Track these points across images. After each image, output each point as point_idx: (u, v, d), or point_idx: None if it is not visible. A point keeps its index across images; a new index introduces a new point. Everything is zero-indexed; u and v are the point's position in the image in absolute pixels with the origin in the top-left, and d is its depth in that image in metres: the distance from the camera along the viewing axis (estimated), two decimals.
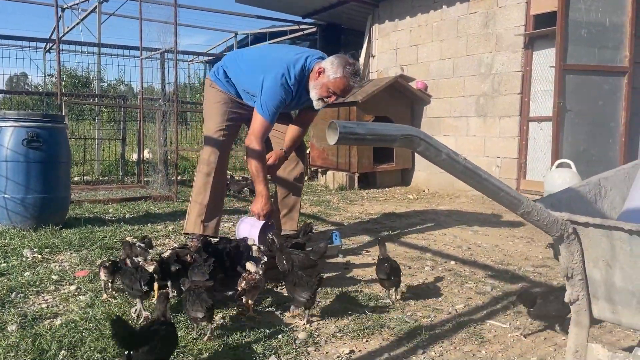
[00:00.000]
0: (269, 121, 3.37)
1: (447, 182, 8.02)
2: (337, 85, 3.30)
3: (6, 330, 2.19)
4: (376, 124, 1.01)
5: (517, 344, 2.30)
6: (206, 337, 2.19)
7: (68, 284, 2.85)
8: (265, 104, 3.35)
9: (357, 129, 0.96)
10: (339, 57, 3.35)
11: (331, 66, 3.30)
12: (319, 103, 3.44)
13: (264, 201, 3.36)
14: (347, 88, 3.35)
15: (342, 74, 3.27)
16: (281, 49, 3.79)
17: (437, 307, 2.73)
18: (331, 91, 3.34)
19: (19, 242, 3.61)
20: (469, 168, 1.11)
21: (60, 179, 4.15)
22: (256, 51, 3.89)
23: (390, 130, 1.01)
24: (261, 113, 3.36)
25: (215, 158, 3.57)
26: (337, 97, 3.41)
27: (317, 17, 11.04)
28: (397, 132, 1.00)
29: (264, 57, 3.62)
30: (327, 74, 3.31)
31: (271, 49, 3.86)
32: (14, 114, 3.96)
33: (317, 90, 3.38)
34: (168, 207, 5.56)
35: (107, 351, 2.01)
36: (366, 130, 0.97)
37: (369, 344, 2.25)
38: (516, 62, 6.97)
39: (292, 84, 3.39)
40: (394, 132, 1.00)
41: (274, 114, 3.38)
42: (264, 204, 3.35)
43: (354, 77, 3.31)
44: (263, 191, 3.36)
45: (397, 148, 8.33)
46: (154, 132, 8.44)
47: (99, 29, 9.23)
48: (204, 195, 3.63)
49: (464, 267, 3.54)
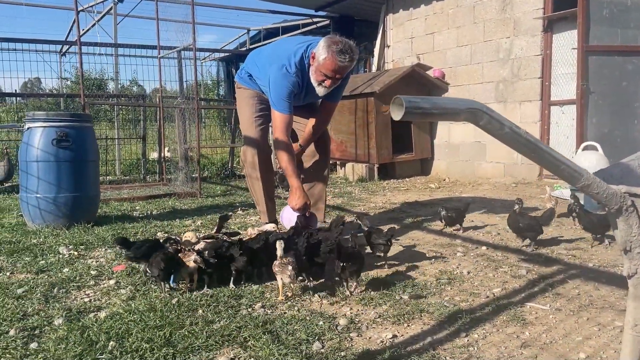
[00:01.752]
0: (285, 113, 3.41)
1: (468, 170, 7.98)
2: (327, 66, 3.29)
3: (53, 324, 2.23)
4: (440, 98, 1.02)
5: (560, 325, 2.28)
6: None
7: (107, 278, 2.89)
8: (275, 98, 3.41)
9: (422, 103, 0.96)
10: (327, 38, 3.33)
11: (319, 49, 3.30)
12: (320, 89, 3.45)
13: (298, 194, 3.39)
14: (337, 68, 3.29)
15: (328, 54, 3.25)
16: (288, 42, 3.81)
17: (473, 291, 2.72)
18: (324, 74, 3.33)
19: (54, 240, 3.67)
20: (531, 141, 1.10)
21: (90, 177, 4.21)
22: (269, 47, 3.92)
23: (454, 104, 1.01)
24: (275, 108, 3.42)
25: (258, 158, 3.67)
26: (333, 80, 3.37)
27: (330, 9, 11.01)
28: (462, 106, 0.99)
29: (272, 53, 3.66)
30: (318, 58, 3.32)
31: (280, 43, 3.88)
32: (43, 115, 4.02)
33: (314, 77, 3.40)
34: (193, 203, 5.61)
35: (154, 341, 2.04)
36: (431, 105, 0.97)
37: (411, 329, 2.25)
38: (535, 46, 6.90)
39: (295, 73, 3.39)
40: (458, 106, 1.00)
41: (287, 105, 3.40)
42: (298, 197, 3.39)
43: (342, 55, 3.24)
44: (295, 184, 3.40)
45: (416, 138, 8.31)
46: (171, 130, 8.52)
47: (115, 30, 9.31)
48: (262, 202, 3.82)
49: (495, 252, 3.52)
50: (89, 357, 1.89)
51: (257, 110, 3.70)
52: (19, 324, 2.20)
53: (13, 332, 2.12)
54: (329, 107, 3.82)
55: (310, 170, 3.94)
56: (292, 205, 3.44)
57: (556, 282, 2.86)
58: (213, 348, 2.03)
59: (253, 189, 3.81)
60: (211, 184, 7.58)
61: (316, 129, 3.81)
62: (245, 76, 3.77)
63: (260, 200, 3.79)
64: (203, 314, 2.35)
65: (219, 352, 2.01)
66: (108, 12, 10.37)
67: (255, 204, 3.92)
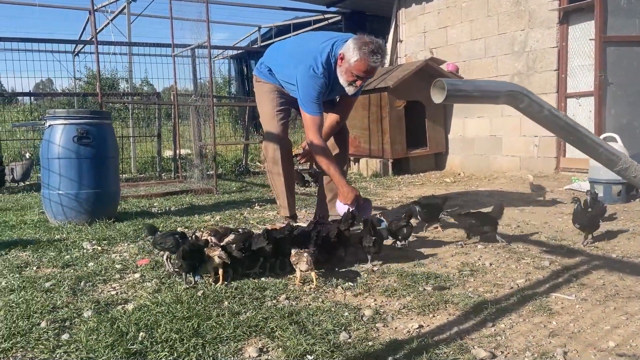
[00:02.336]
0: (315, 115, 3.45)
1: (483, 165, 7.94)
2: (359, 67, 3.30)
3: (82, 316, 2.26)
4: (480, 80, 1.02)
5: (587, 314, 2.27)
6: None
7: (132, 272, 2.92)
8: (304, 101, 3.44)
9: (463, 85, 0.96)
10: (356, 39, 3.32)
11: (349, 50, 3.30)
12: (350, 88, 3.46)
13: (346, 190, 3.42)
14: (368, 69, 3.31)
15: (360, 55, 3.25)
16: (312, 38, 3.81)
17: (497, 282, 2.71)
18: (355, 75, 3.34)
19: (77, 236, 3.72)
20: (570, 124, 1.09)
21: (110, 173, 4.26)
22: (290, 43, 3.93)
23: (495, 86, 1.01)
24: (305, 110, 3.45)
25: (280, 153, 3.69)
26: (364, 79, 3.40)
27: (341, 5, 10.99)
28: (502, 89, 0.99)
29: (296, 49, 3.67)
30: (347, 59, 3.32)
31: (303, 39, 3.87)
32: (64, 112, 4.07)
33: (343, 77, 3.41)
34: (210, 200, 5.64)
35: (183, 331, 2.06)
36: (472, 87, 0.97)
37: (436, 319, 2.25)
38: (551, 38, 6.84)
39: (322, 73, 3.42)
40: (498, 89, 1.00)
41: (316, 106, 3.44)
42: (346, 193, 3.42)
43: (374, 56, 3.25)
44: (340, 182, 3.44)
45: (430, 132, 8.27)
46: (183, 129, 8.57)
47: (129, 29, 9.38)
48: (283, 197, 3.84)
49: (517, 243, 3.51)
50: (121, 347, 1.92)
51: (278, 104, 3.71)
52: (49, 316, 2.24)
53: (44, 324, 2.15)
54: (349, 101, 3.83)
55: None
56: (345, 201, 3.46)
57: (580, 272, 2.84)
58: (241, 338, 2.04)
59: (274, 184, 3.82)
60: (226, 180, 7.62)
61: (336, 124, 3.81)
62: (265, 70, 3.78)
63: (282, 194, 3.81)
64: (229, 305, 2.37)
65: (247, 342, 2.03)
66: (121, 12, 10.44)
67: (276, 198, 3.93)
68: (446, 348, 1.94)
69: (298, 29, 13.06)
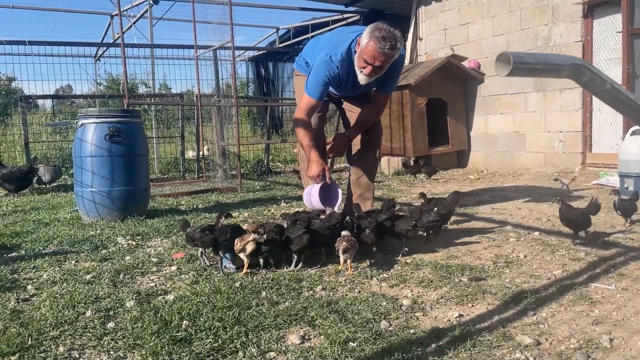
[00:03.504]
0: (313, 98, 3.43)
1: (507, 161, 7.88)
2: (368, 52, 3.24)
3: (125, 306, 2.30)
4: (544, 54, 1.02)
5: (629, 303, 2.25)
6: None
7: (168, 265, 2.97)
8: (310, 82, 3.45)
9: (527, 58, 0.96)
10: (373, 24, 3.27)
11: (364, 35, 3.27)
12: (361, 77, 3.40)
13: (314, 164, 3.40)
14: (376, 54, 3.21)
15: (370, 39, 3.20)
16: (343, 30, 3.74)
17: (533, 273, 2.70)
18: (364, 59, 3.28)
19: (111, 232, 3.78)
20: (631, 99, 1.09)
21: (141, 171, 4.32)
22: (325, 36, 3.92)
23: (558, 59, 1.01)
24: (306, 90, 3.47)
25: (313, 144, 3.65)
26: (374, 67, 3.29)
27: (360, 4, 10.98)
28: (565, 62, 0.99)
29: (326, 41, 3.68)
30: (361, 43, 3.29)
31: (336, 32, 3.85)
32: (95, 111, 4.14)
33: (356, 63, 3.37)
34: (236, 198, 5.69)
35: (225, 320, 2.09)
36: (536, 60, 0.98)
37: (476, 308, 2.25)
38: (575, 32, 6.77)
39: (339, 62, 3.39)
40: (561, 62, 1.00)
41: (318, 91, 3.42)
42: (314, 167, 3.40)
43: (383, 41, 3.17)
44: (310, 156, 3.42)
45: (452, 129, 8.23)
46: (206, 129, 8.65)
47: (150, 31, 9.50)
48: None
49: (549, 237, 3.47)
50: (167, 335, 1.95)
51: None
52: (93, 306, 2.28)
53: (89, 313, 2.19)
54: (381, 98, 3.80)
55: (359, 160, 3.94)
56: (310, 175, 3.46)
57: (617, 263, 2.81)
58: (282, 327, 2.06)
59: (306, 180, 3.84)
60: (249, 180, 7.66)
61: (367, 120, 3.79)
62: (303, 63, 3.81)
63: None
64: (267, 295, 2.40)
65: (289, 330, 2.05)
66: (143, 16, 10.58)
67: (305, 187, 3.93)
68: (489, 335, 1.94)
69: (316, 29, 13.07)
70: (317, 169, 3.40)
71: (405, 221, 3.08)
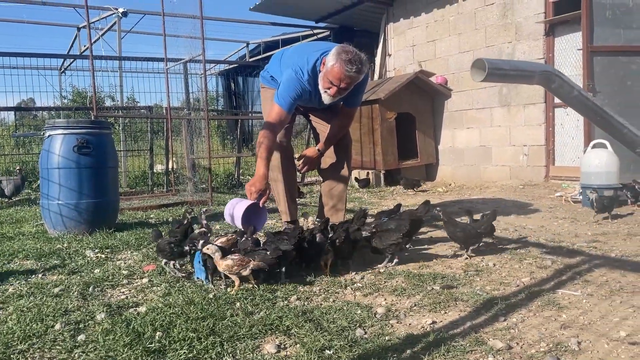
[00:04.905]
0: (283, 108, 3.42)
1: (474, 175, 8.05)
2: (333, 74, 3.28)
3: (96, 318, 2.25)
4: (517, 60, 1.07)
5: (594, 308, 2.32)
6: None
7: (139, 277, 2.92)
8: (280, 93, 3.44)
9: (502, 64, 1.01)
10: (339, 46, 3.32)
11: (330, 56, 3.30)
12: (325, 96, 3.44)
13: (256, 179, 3.27)
14: (342, 77, 3.26)
15: (336, 62, 3.24)
16: (308, 47, 3.80)
17: (503, 281, 2.76)
18: (330, 81, 3.33)
19: (79, 245, 3.69)
20: (597, 105, 1.15)
21: (110, 183, 4.25)
22: (290, 50, 3.94)
23: (530, 66, 1.06)
24: (276, 100, 3.45)
25: (280, 160, 3.71)
26: (339, 89, 3.35)
27: (330, 20, 11.15)
28: (536, 69, 1.05)
29: (291, 57, 3.70)
30: (327, 64, 3.32)
31: (300, 47, 3.88)
32: (63, 122, 4.05)
33: (321, 83, 3.41)
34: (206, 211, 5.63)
35: (199, 331, 2.06)
36: (509, 66, 1.02)
37: (449, 315, 2.29)
38: (538, 50, 7.01)
39: (307, 80, 3.43)
40: (533, 68, 1.05)
41: (289, 103, 3.42)
42: (255, 181, 3.25)
43: (349, 65, 3.22)
44: (259, 170, 3.31)
45: (420, 143, 8.37)
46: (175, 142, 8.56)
47: (119, 44, 9.39)
48: (284, 203, 3.86)
49: (517, 246, 3.56)
50: (140, 346, 1.91)
51: None
52: (62, 319, 2.22)
53: (59, 326, 2.14)
54: (348, 112, 3.85)
55: (330, 171, 3.97)
56: (248, 189, 3.27)
57: (583, 270, 2.91)
58: (258, 336, 2.06)
59: (276, 190, 3.83)
60: (219, 193, 7.61)
61: (336, 133, 3.84)
62: (268, 77, 3.84)
63: (282, 201, 3.82)
64: (242, 306, 2.38)
65: (264, 339, 2.04)
66: (111, 28, 10.47)
67: (277, 204, 3.94)
68: (462, 341, 1.97)
69: (287, 44, 13.17)
70: (259, 186, 3.25)
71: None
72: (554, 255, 3.25)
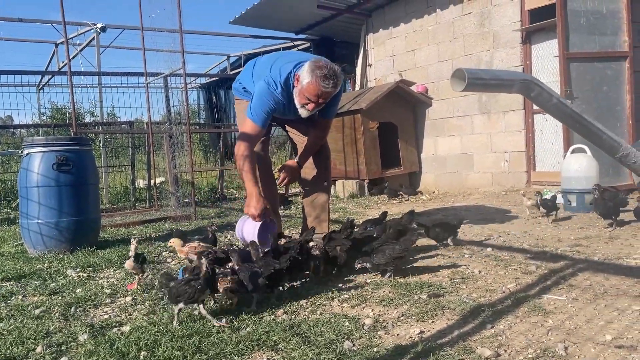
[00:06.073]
0: (257, 124, 3.40)
1: (456, 182, 8.11)
2: (310, 90, 3.28)
3: (78, 339, 2.20)
4: (497, 70, 1.08)
5: (580, 312, 2.34)
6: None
7: (122, 296, 2.86)
8: (253, 108, 3.41)
9: (482, 74, 1.02)
10: (312, 62, 3.31)
11: (304, 72, 3.30)
12: (303, 111, 3.44)
13: (254, 200, 3.28)
14: (320, 93, 3.28)
15: (312, 78, 3.25)
16: (279, 57, 3.74)
17: (489, 288, 2.77)
18: (306, 97, 3.33)
19: (60, 264, 3.62)
20: (576, 112, 1.17)
21: (91, 200, 4.18)
22: (261, 61, 3.85)
23: (510, 75, 1.07)
24: (250, 116, 3.42)
25: (258, 171, 3.65)
26: (316, 104, 3.36)
27: (310, 32, 11.20)
28: (516, 77, 1.06)
29: (262, 67, 3.66)
30: (301, 81, 3.31)
31: (271, 58, 3.76)
32: (42, 140, 3.99)
33: (297, 99, 3.41)
34: (190, 225, 5.58)
35: (185, 349, 2.03)
36: (490, 76, 1.03)
37: (436, 324, 2.28)
38: (515, 57, 7.12)
39: (279, 93, 3.41)
40: (513, 77, 1.06)
41: (262, 118, 3.40)
42: (255, 203, 3.28)
43: (326, 80, 3.23)
44: (250, 190, 3.31)
45: (403, 152, 8.42)
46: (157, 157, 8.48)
47: (98, 59, 9.31)
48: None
49: (501, 252, 3.58)
50: None
51: None
52: (44, 342, 2.17)
53: (40, 349, 2.09)
54: (323, 123, 3.84)
55: (311, 182, 3.96)
56: (249, 213, 3.30)
57: (567, 275, 2.93)
58: (245, 352, 2.03)
59: None
60: (203, 207, 7.55)
61: (314, 145, 3.83)
62: (240, 89, 3.81)
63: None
64: (228, 322, 2.35)
65: (252, 355, 2.02)
66: (89, 44, 10.38)
67: None
68: (450, 350, 1.97)
69: None
70: (259, 206, 3.27)
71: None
72: (538, 261, 3.27)
